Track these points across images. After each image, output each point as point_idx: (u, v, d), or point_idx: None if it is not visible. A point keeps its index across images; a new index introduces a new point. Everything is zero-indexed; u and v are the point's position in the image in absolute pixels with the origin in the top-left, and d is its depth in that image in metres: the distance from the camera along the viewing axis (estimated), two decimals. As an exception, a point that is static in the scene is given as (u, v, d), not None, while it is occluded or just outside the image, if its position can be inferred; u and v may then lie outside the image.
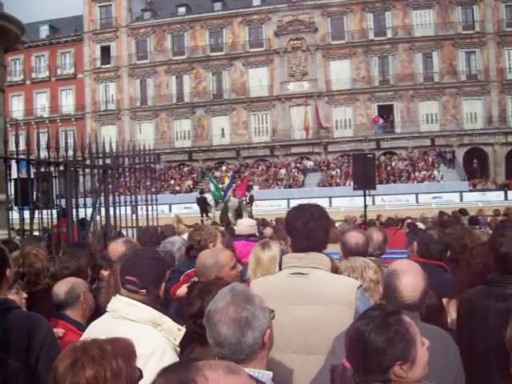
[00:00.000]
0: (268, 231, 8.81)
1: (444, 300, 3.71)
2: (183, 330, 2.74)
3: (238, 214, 25.14)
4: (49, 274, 4.01)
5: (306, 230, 2.99)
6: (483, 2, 47.29)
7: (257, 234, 7.11)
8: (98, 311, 3.47)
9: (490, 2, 47.06)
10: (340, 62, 49.88)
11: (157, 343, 2.64)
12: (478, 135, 46.96)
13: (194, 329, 2.71)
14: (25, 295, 3.48)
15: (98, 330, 2.81)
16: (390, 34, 49.33)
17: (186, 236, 6.09)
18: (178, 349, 2.74)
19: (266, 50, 51.73)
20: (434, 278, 3.58)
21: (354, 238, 4.50)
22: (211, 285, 2.90)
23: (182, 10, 54.62)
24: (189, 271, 4.43)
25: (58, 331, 3.34)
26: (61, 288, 3.69)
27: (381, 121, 48.84)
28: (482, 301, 3.14)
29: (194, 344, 2.77)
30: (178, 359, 2.62)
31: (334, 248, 5.24)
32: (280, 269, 3.26)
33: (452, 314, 3.70)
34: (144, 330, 2.68)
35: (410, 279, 2.79)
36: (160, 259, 2.95)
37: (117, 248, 4.95)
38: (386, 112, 49.19)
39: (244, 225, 7.28)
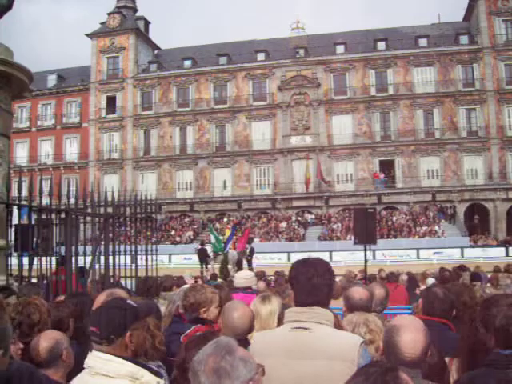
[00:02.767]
0: (261, 285, 8.68)
1: (446, 359, 3.61)
2: (162, 382, 2.69)
3: (238, 267, 25.05)
4: (46, 328, 3.86)
5: (310, 286, 2.96)
6: (483, 60, 48.23)
7: (253, 286, 7.05)
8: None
9: (490, 60, 48.00)
10: (342, 117, 50.48)
11: None
12: (479, 191, 47.11)
13: (177, 378, 2.69)
14: (21, 345, 3.39)
15: None
16: (391, 91, 50.09)
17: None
18: None
19: (269, 103, 52.43)
20: (436, 335, 3.49)
21: (358, 293, 4.48)
22: (199, 338, 2.88)
23: (187, 62, 55.65)
24: (187, 331, 4.36)
25: None
26: (42, 345, 3.26)
27: (381, 176, 49.12)
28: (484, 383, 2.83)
29: None
30: None
31: (335, 304, 5.18)
32: (281, 323, 3.21)
33: (454, 374, 3.59)
34: None
35: (411, 335, 2.73)
36: (123, 308, 2.81)
37: (99, 299, 4.84)
38: (387, 167, 49.53)
39: (240, 277, 7.25)
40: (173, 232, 49.42)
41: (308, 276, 2.97)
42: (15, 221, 7.39)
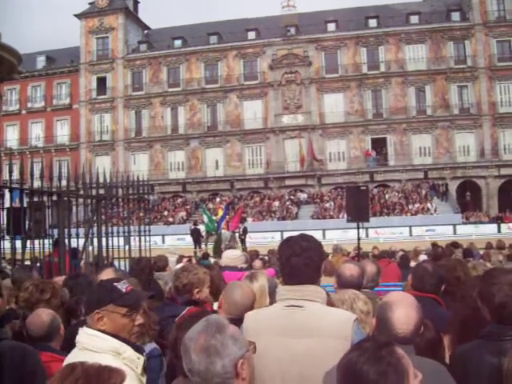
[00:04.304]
0: (257, 264, 8.76)
1: (439, 335, 3.64)
2: (142, 358, 2.73)
3: (230, 247, 25.11)
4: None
5: (289, 267, 2.92)
6: (475, 37, 48.08)
7: (239, 266, 7.10)
8: None
9: (482, 37, 47.84)
10: (334, 96, 50.34)
11: None
12: (471, 168, 47.25)
13: (172, 359, 2.71)
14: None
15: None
16: (383, 68, 49.92)
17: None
18: (144, 378, 2.72)
19: (260, 82, 52.18)
20: (427, 311, 3.52)
21: (349, 269, 4.50)
22: (192, 318, 2.91)
23: (177, 42, 55.17)
24: (182, 314, 4.38)
25: None
26: (42, 319, 3.50)
27: (373, 154, 49.16)
28: (477, 355, 2.88)
29: (179, 376, 2.73)
30: None
31: (329, 281, 5.21)
32: (274, 301, 3.22)
33: (446, 350, 3.62)
34: (105, 361, 2.63)
35: (403, 311, 2.74)
36: (103, 287, 2.85)
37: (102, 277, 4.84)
38: (379, 145, 49.53)
39: (225, 257, 7.42)
40: (166, 213, 49.39)
41: (286, 256, 2.93)
42: (7, 204, 7.37)
